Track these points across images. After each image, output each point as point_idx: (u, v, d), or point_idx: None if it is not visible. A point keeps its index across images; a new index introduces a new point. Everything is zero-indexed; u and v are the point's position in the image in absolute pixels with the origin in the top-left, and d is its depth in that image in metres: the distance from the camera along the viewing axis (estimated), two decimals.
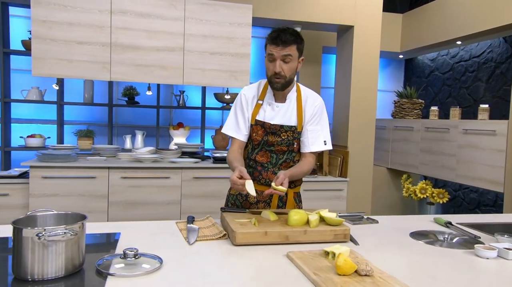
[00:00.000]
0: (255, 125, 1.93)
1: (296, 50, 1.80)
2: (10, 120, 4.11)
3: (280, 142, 1.90)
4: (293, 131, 1.90)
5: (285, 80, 1.82)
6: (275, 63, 1.78)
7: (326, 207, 3.77)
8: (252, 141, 1.96)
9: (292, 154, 1.95)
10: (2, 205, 3.12)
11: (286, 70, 1.80)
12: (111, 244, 1.39)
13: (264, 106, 1.93)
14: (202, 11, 3.44)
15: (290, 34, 1.78)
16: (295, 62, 1.83)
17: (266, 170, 1.93)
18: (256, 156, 1.95)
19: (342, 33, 4.11)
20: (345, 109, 4.01)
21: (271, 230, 1.48)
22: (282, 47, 1.75)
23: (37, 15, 3.13)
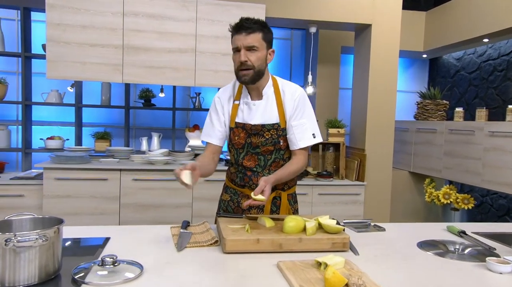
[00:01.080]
0: (236, 128, 1.83)
1: (263, 39, 1.70)
2: (31, 122, 4.19)
3: (265, 142, 1.79)
4: (277, 129, 1.79)
5: (254, 70, 1.69)
6: (240, 53, 1.68)
7: (342, 212, 3.67)
8: (234, 145, 1.85)
9: (280, 153, 1.84)
10: (17, 206, 3.17)
11: (253, 59, 1.68)
12: (97, 249, 1.35)
13: (241, 106, 1.83)
14: (214, 11, 3.40)
15: (255, 22, 1.69)
16: (263, 52, 1.71)
17: (256, 175, 1.82)
18: (243, 161, 1.84)
19: (359, 32, 3.98)
20: (362, 110, 3.88)
21: (263, 238, 1.40)
22: (245, 35, 1.66)
23: (51, 18, 3.17)
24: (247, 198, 1.84)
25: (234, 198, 1.90)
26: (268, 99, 1.80)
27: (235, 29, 1.69)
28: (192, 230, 1.61)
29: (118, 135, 4.48)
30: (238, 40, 1.67)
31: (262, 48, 1.69)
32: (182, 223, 1.66)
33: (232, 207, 1.91)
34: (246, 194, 1.85)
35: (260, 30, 1.68)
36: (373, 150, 3.80)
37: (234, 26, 1.71)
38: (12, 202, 3.16)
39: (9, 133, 4.12)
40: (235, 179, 1.89)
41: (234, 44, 1.69)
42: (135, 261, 1.22)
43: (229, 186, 1.95)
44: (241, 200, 1.88)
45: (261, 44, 1.68)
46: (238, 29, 1.67)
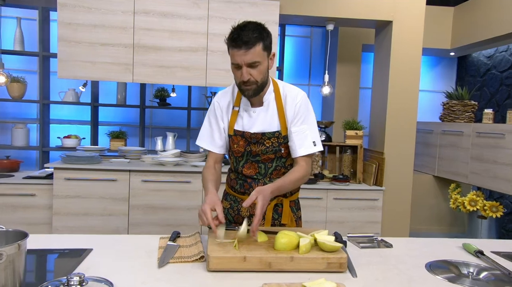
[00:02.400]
0: (234, 136, 1.73)
1: (263, 49, 1.55)
2: (49, 121, 4.23)
3: (265, 150, 1.70)
4: (278, 137, 1.69)
5: (257, 85, 1.59)
6: (241, 71, 1.55)
7: (358, 218, 3.51)
8: (234, 153, 1.75)
9: (282, 160, 1.73)
10: (29, 205, 3.19)
11: (255, 75, 1.56)
12: (75, 262, 1.28)
13: (241, 113, 1.72)
14: (226, 9, 3.30)
15: (253, 30, 1.51)
16: (265, 63, 1.59)
17: (256, 182, 1.74)
18: (243, 169, 1.75)
19: (380, 29, 3.79)
20: (381, 112, 3.69)
21: (250, 255, 1.29)
22: (245, 50, 1.50)
23: (63, 18, 3.15)
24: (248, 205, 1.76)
25: (234, 205, 1.82)
26: (269, 106, 1.70)
27: (232, 43, 1.53)
28: (181, 242, 1.52)
29: (134, 134, 4.47)
30: (237, 56, 1.53)
31: (264, 59, 1.57)
32: (172, 234, 1.57)
33: (232, 215, 1.82)
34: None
35: (260, 40, 1.53)
36: (393, 153, 3.61)
37: (231, 38, 1.53)
38: (24, 201, 3.18)
39: (27, 131, 4.17)
40: (235, 186, 1.81)
41: (234, 60, 1.55)
42: (107, 279, 1.13)
43: (229, 193, 1.87)
44: (241, 208, 1.79)
45: (262, 56, 1.55)
46: (236, 43, 1.51)
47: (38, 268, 1.23)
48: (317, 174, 3.69)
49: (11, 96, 4.03)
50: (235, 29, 1.54)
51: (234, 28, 1.54)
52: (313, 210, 3.47)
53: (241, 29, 1.52)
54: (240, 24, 1.55)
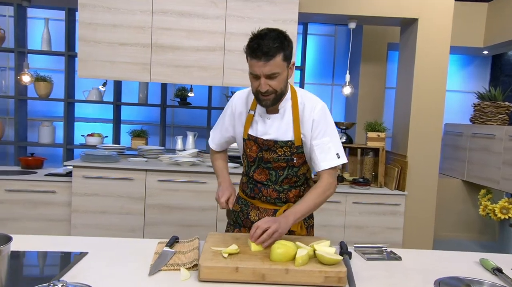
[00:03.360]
0: (248, 140, 1.68)
1: (283, 60, 1.48)
2: (73, 119, 4.33)
3: (277, 158, 1.64)
4: (290, 147, 1.62)
5: (276, 94, 1.53)
6: (260, 81, 1.49)
7: (379, 223, 3.38)
8: (247, 157, 1.72)
9: (294, 169, 1.67)
10: (49, 202, 3.25)
11: (275, 85, 1.50)
12: (64, 268, 1.26)
13: (256, 117, 1.67)
14: (244, 8, 3.25)
15: (274, 39, 1.44)
16: (284, 73, 1.52)
17: (266, 187, 1.69)
18: (254, 174, 1.71)
19: (405, 27, 3.64)
20: (405, 113, 3.54)
21: (243, 266, 1.23)
22: (265, 61, 1.43)
23: (83, 18, 3.19)
24: (257, 209, 1.74)
25: (244, 209, 1.79)
26: (284, 114, 1.63)
27: (251, 53, 1.46)
28: (178, 248, 1.49)
29: (156, 133, 4.51)
30: (256, 67, 1.46)
31: (284, 70, 1.50)
32: (170, 239, 1.54)
33: (241, 218, 1.79)
34: (257, 205, 1.74)
35: (280, 50, 1.45)
36: (416, 156, 3.45)
37: (250, 48, 1.46)
38: (45, 198, 3.25)
39: (53, 129, 4.28)
40: (246, 189, 1.78)
41: (252, 70, 1.48)
42: (89, 285, 1.10)
43: (240, 196, 1.84)
44: (251, 212, 1.76)
45: (282, 66, 1.48)
46: (255, 53, 1.44)
47: (27, 271, 1.23)
48: (336, 176, 3.58)
49: (38, 95, 4.15)
50: (255, 37, 1.47)
51: (254, 35, 1.47)
52: (331, 214, 3.37)
53: (261, 38, 1.44)
54: (260, 32, 1.47)
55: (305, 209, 1.53)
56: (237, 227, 1.79)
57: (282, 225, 1.41)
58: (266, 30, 1.48)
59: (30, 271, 1.24)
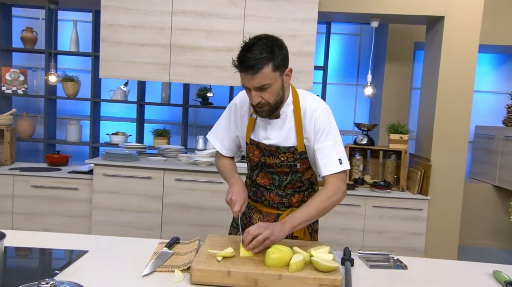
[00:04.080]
0: (250, 145, 1.64)
1: (273, 70, 1.40)
2: (99, 118, 4.45)
3: (280, 164, 1.60)
4: (293, 153, 1.57)
5: (270, 106, 1.47)
6: (251, 94, 1.44)
7: (400, 228, 3.27)
8: (250, 161, 1.68)
9: (297, 175, 1.63)
10: (72, 199, 3.35)
11: (267, 97, 1.44)
12: (62, 265, 1.28)
13: (258, 121, 1.61)
14: (263, 8, 3.23)
15: (261, 50, 1.37)
16: (277, 83, 1.44)
17: (269, 192, 1.66)
18: (257, 178, 1.68)
19: (431, 25, 3.50)
20: (429, 114, 3.41)
21: (235, 270, 1.21)
22: (252, 75, 1.38)
23: (105, 19, 3.27)
24: (260, 213, 1.71)
25: (247, 212, 1.76)
26: (286, 119, 1.57)
27: (238, 67, 1.41)
28: (177, 249, 1.49)
29: (179, 133, 4.56)
30: (244, 79, 1.42)
31: (275, 80, 1.43)
32: (170, 240, 1.54)
33: (244, 221, 1.77)
34: (259, 209, 1.71)
35: (269, 60, 1.38)
36: (441, 160, 3.32)
37: (238, 60, 1.41)
38: (68, 194, 3.35)
39: (80, 127, 4.41)
40: (249, 192, 1.75)
41: (242, 83, 1.45)
42: (82, 285, 1.11)
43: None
44: (253, 215, 1.74)
45: (272, 77, 1.41)
46: (241, 67, 1.40)
47: (24, 267, 1.26)
48: (357, 179, 3.50)
49: (66, 94, 4.28)
50: (242, 48, 1.41)
51: (242, 47, 1.42)
52: (350, 218, 3.29)
53: (247, 50, 1.39)
54: (248, 43, 1.42)
55: (305, 216, 1.45)
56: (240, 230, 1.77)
57: (275, 233, 1.36)
58: (254, 40, 1.42)
59: (28, 268, 1.27)
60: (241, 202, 1.50)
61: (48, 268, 1.24)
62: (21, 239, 1.52)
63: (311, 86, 3.29)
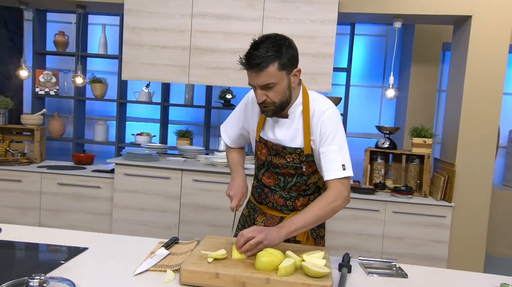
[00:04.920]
0: (259, 142, 1.65)
1: (279, 69, 1.40)
2: (125, 119, 4.57)
3: (285, 165, 1.59)
4: (299, 154, 1.56)
5: (275, 106, 1.48)
6: (256, 92, 1.46)
7: (422, 235, 3.17)
8: (258, 160, 1.69)
9: (303, 178, 1.61)
10: (94, 197, 3.46)
11: (272, 96, 1.45)
12: (59, 262, 1.32)
13: (268, 119, 1.62)
14: (282, 9, 3.21)
15: (267, 48, 1.38)
16: (283, 83, 1.44)
17: (273, 193, 1.65)
18: (263, 177, 1.67)
19: (458, 25, 3.37)
20: (455, 117, 3.28)
21: (224, 273, 1.21)
22: (257, 73, 1.39)
23: (128, 22, 3.36)
24: (264, 215, 1.70)
25: (252, 214, 1.77)
26: (294, 120, 1.57)
27: (244, 64, 1.44)
28: (174, 249, 1.50)
29: (202, 134, 4.61)
30: (250, 77, 1.45)
31: (281, 79, 1.43)
32: (169, 240, 1.56)
33: (248, 223, 1.77)
34: (264, 211, 1.70)
35: (274, 59, 1.39)
36: (466, 165, 3.18)
37: (244, 56, 1.44)
38: (91, 192, 3.46)
39: (107, 127, 4.55)
40: (254, 193, 1.76)
41: (249, 80, 1.47)
42: (72, 281, 1.14)
43: (250, 200, 1.82)
44: (257, 217, 1.73)
45: (278, 76, 1.42)
46: (246, 65, 1.42)
47: (23, 262, 1.31)
48: (377, 183, 3.42)
49: (94, 95, 4.43)
50: (250, 47, 1.44)
51: (250, 45, 1.44)
52: (368, 223, 3.22)
53: (254, 48, 1.41)
54: (256, 41, 1.43)
55: (303, 222, 1.42)
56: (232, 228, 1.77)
57: (270, 237, 1.34)
58: (263, 38, 1.44)
59: (25, 262, 1.32)
60: (238, 197, 1.56)
61: (46, 264, 1.28)
62: (26, 234, 1.58)
63: (330, 88, 3.25)
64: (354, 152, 4.39)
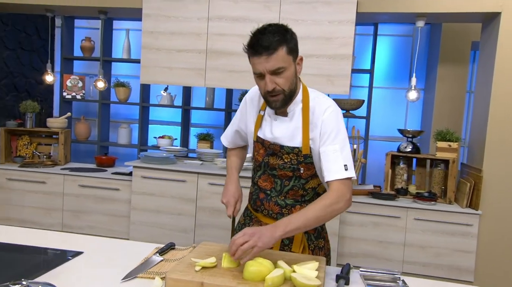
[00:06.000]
0: (256, 142, 1.60)
1: (287, 53, 1.38)
2: (147, 122, 4.63)
3: (282, 165, 1.53)
4: (297, 154, 1.50)
5: (285, 94, 1.43)
6: (265, 80, 1.40)
7: (445, 244, 3.01)
8: (254, 161, 1.63)
9: (301, 181, 1.54)
10: (113, 199, 3.52)
11: (281, 83, 1.40)
12: (51, 266, 1.32)
13: (265, 117, 1.57)
14: (298, 11, 3.15)
15: (274, 33, 1.36)
16: (292, 68, 1.42)
17: (268, 200, 1.58)
18: (259, 180, 1.61)
19: (486, 23, 3.19)
20: (482, 120, 3.10)
21: (209, 282, 1.17)
22: (267, 56, 1.35)
23: (146, 27, 3.40)
24: (259, 224, 1.62)
25: (247, 222, 1.70)
26: (293, 118, 1.52)
27: (251, 50, 1.40)
28: (169, 256, 1.47)
29: None
30: (258, 64, 1.39)
31: (290, 64, 1.41)
32: (165, 245, 1.53)
33: None
34: (260, 219, 1.63)
35: (283, 43, 1.37)
36: (494, 171, 3.00)
37: (250, 45, 1.40)
38: (110, 194, 3.52)
39: (130, 131, 4.63)
40: (251, 200, 1.70)
41: (255, 69, 1.42)
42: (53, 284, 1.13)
43: (247, 207, 1.76)
44: (253, 225, 1.65)
45: (287, 61, 1.39)
46: (256, 49, 1.38)
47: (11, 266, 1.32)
48: (399, 189, 3.28)
49: (118, 99, 4.52)
50: (254, 34, 1.41)
51: (253, 33, 1.41)
52: (388, 230, 3.09)
53: (260, 33, 1.38)
54: (259, 28, 1.41)
55: (302, 221, 1.33)
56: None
57: (264, 239, 1.25)
58: (265, 25, 1.41)
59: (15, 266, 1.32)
60: (232, 204, 1.56)
61: (36, 267, 1.29)
62: (25, 236, 1.60)
63: (348, 90, 3.15)
64: (377, 156, 4.28)
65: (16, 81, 4.48)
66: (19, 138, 4.03)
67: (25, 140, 4.03)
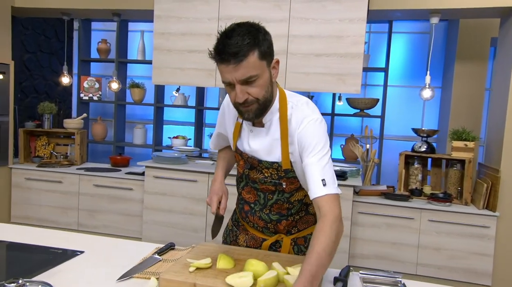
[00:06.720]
0: (236, 153, 1.47)
1: (260, 58, 1.18)
2: (162, 122, 4.68)
3: (263, 180, 1.40)
4: (277, 169, 1.35)
5: (259, 103, 1.24)
6: (235, 91, 1.21)
7: (461, 246, 2.93)
8: (237, 171, 1.54)
9: (284, 195, 1.41)
10: (126, 198, 3.56)
11: (255, 92, 1.22)
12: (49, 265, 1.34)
13: (244, 126, 1.41)
14: (308, 9, 3.11)
15: (243, 35, 1.16)
16: (265, 74, 1.23)
17: (253, 214, 1.48)
18: (242, 191, 1.52)
19: (505, 18, 3.08)
20: (499, 119, 3.00)
21: (201, 283, 1.16)
22: (235, 64, 1.15)
23: (158, 28, 3.42)
24: (246, 234, 1.55)
25: (234, 230, 1.61)
26: (270, 129, 1.35)
27: (217, 57, 1.19)
28: (168, 256, 1.48)
29: None
30: (226, 72, 1.19)
31: (263, 71, 1.21)
32: (164, 245, 1.54)
33: (231, 239, 1.62)
34: (246, 228, 1.55)
35: (253, 47, 1.17)
36: None
37: (216, 50, 1.19)
38: (123, 194, 3.57)
39: (145, 131, 4.68)
40: (238, 207, 1.61)
41: (223, 77, 1.22)
42: (49, 283, 1.15)
43: (235, 211, 1.67)
44: (239, 235, 1.57)
45: (260, 67, 1.20)
46: (222, 57, 1.17)
47: (15, 265, 1.34)
48: (413, 190, 3.21)
49: (133, 100, 4.58)
50: (220, 37, 1.20)
51: (220, 35, 1.20)
52: (402, 231, 3.03)
53: (227, 37, 1.17)
54: (226, 30, 1.20)
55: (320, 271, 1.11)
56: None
57: None
58: (234, 25, 1.21)
59: (17, 264, 1.35)
60: (214, 204, 1.44)
61: (36, 266, 1.31)
62: (29, 235, 1.63)
63: (359, 89, 3.10)
64: (392, 156, 4.20)
65: (36, 83, 4.60)
66: (38, 139, 4.13)
67: (43, 140, 4.13)
